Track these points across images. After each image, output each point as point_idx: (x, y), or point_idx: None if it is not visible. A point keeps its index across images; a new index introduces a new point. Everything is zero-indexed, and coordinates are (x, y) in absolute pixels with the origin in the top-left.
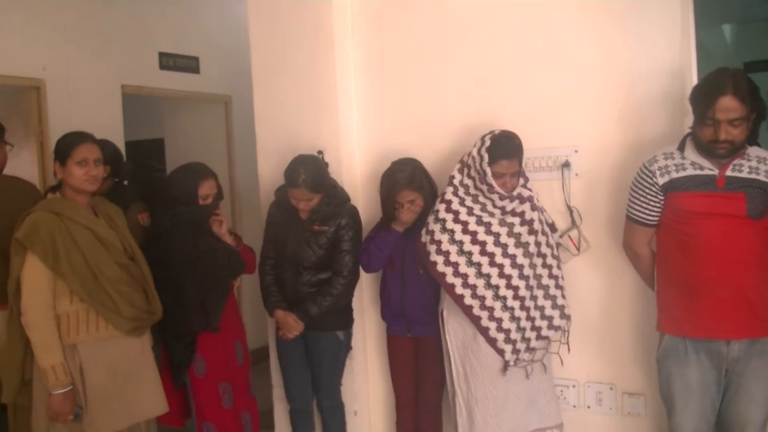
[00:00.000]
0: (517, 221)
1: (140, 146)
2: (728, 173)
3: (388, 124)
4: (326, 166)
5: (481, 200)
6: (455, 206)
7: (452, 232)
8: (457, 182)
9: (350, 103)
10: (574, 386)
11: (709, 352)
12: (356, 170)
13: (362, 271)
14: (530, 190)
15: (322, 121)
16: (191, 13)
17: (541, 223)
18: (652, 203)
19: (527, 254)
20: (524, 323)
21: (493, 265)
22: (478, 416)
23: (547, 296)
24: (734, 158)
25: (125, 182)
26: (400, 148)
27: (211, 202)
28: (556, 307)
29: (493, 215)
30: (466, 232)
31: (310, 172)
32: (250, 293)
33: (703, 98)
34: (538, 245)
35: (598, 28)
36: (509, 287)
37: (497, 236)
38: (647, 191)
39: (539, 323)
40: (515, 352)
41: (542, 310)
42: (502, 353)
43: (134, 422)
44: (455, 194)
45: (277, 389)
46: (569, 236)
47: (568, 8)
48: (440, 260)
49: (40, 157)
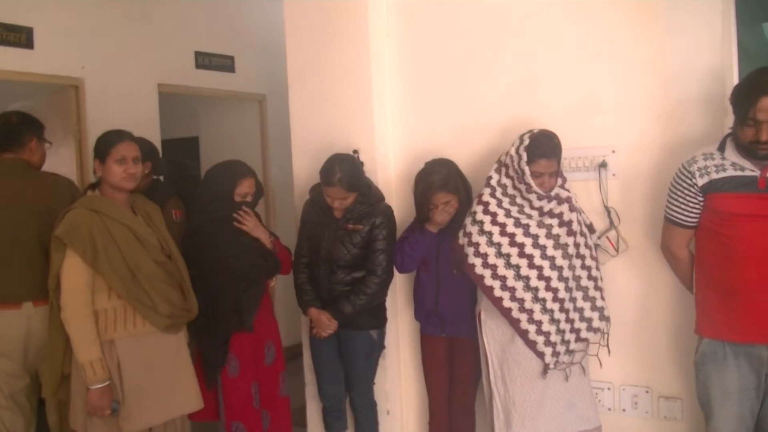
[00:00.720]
0: (555, 222)
1: (175, 145)
2: None
3: (423, 123)
4: (361, 165)
5: (518, 201)
6: (493, 208)
7: (490, 234)
8: (494, 182)
9: (385, 102)
10: (609, 389)
11: (748, 356)
12: (391, 170)
13: (396, 271)
14: (568, 190)
15: (357, 120)
16: (227, 12)
17: (579, 224)
18: (691, 204)
19: (566, 256)
20: (564, 325)
21: (532, 267)
22: (515, 419)
23: (586, 298)
24: None
25: (161, 179)
26: (435, 148)
27: (250, 200)
28: (595, 309)
29: (531, 217)
30: (504, 234)
31: (345, 170)
32: (284, 291)
33: (744, 98)
34: (577, 246)
35: (637, 26)
36: (549, 289)
37: (536, 238)
38: (686, 192)
39: (578, 325)
40: (555, 354)
41: (581, 312)
42: (542, 356)
43: (170, 418)
44: (493, 195)
45: (309, 387)
46: (607, 237)
47: (607, 7)
48: (479, 263)
49: (78, 154)
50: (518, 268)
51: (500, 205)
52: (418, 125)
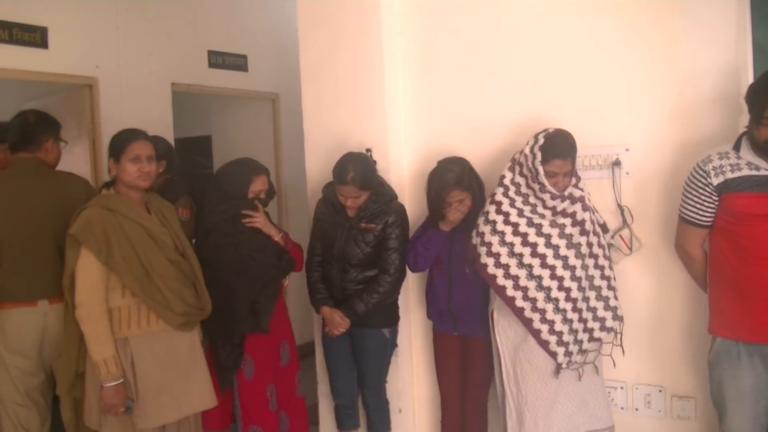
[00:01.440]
0: (568, 222)
1: (188, 143)
2: None
3: (436, 122)
4: (374, 164)
5: (531, 201)
6: (506, 207)
7: (503, 234)
8: (507, 181)
9: (398, 101)
10: (622, 388)
11: (763, 356)
12: (404, 168)
13: (408, 269)
14: (581, 189)
15: (369, 119)
16: (240, 11)
17: (592, 223)
18: (705, 204)
19: (579, 255)
20: (576, 325)
21: (545, 267)
22: (528, 418)
23: (599, 297)
24: None
25: (175, 177)
26: (448, 146)
27: (263, 198)
28: (608, 308)
29: (543, 216)
30: (517, 234)
31: (358, 169)
32: (296, 289)
33: (759, 97)
34: (590, 246)
35: (651, 24)
36: (561, 289)
37: (549, 238)
38: (701, 192)
39: (591, 325)
40: (567, 354)
41: (594, 311)
42: (554, 356)
43: (183, 416)
44: (505, 195)
45: (322, 385)
46: (620, 236)
47: (621, 5)
48: (491, 262)
49: (92, 153)
50: (531, 267)
51: (513, 204)
52: (431, 124)
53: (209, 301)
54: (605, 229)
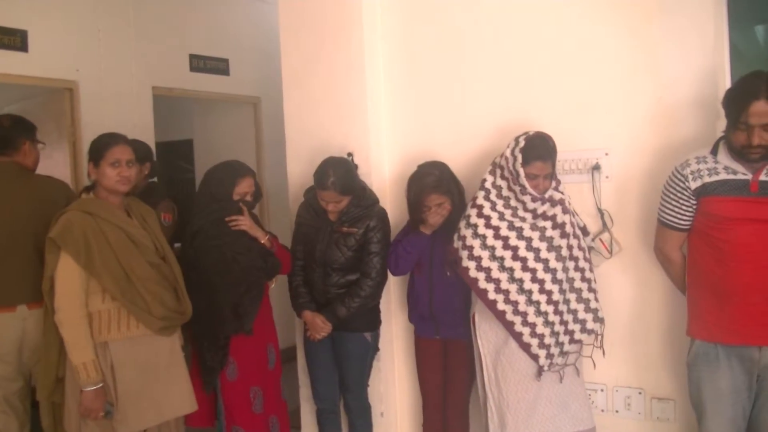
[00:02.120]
0: (548, 225)
1: (170, 147)
2: (762, 178)
3: (417, 126)
4: (356, 168)
5: (512, 204)
6: (487, 211)
7: (484, 237)
8: (489, 185)
9: (380, 105)
10: (602, 390)
11: (740, 357)
12: (385, 172)
13: (390, 273)
14: (562, 192)
15: (351, 122)
16: (221, 15)
17: (572, 226)
18: (684, 207)
19: (559, 258)
20: (558, 327)
21: (526, 270)
22: (509, 421)
23: (579, 300)
24: None
25: (155, 180)
26: (429, 150)
27: (250, 200)
28: (589, 310)
29: (524, 220)
30: (497, 237)
31: (339, 174)
32: (278, 293)
33: (736, 103)
34: (570, 249)
35: (630, 29)
36: (542, 292)
37: (530, 241)
38: (679, 195)
39: (572, 327)
40: (549, 356)
41: (575, 313)
42: (536, 358)
43: (164, 420)
44: (487, 198)
45: (304, 389)
46: (600, 239)
47: (600, 9)
48: (472, 265)
49: (72, 157)
50: (512, 270)
51: (494, 208)
52: (412, 128)
53: (190, 305)
54: (585, 231)
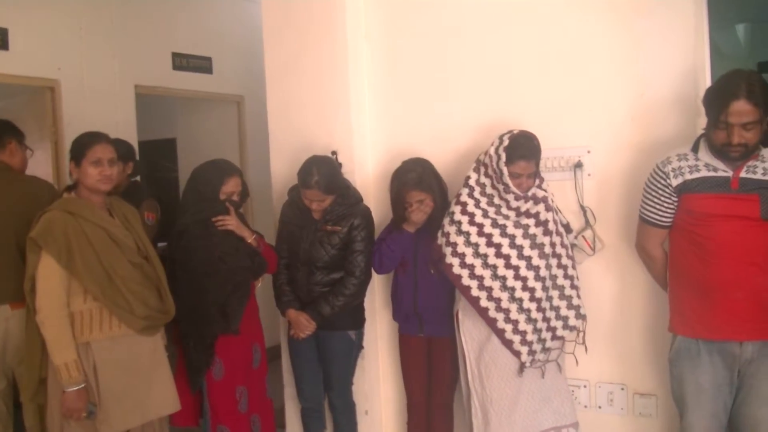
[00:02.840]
0: (532, 222)
1: (153, 146)
2: (742, 175)
3: (401, 124)
4: (340, 166)
5: (496, 202)
6: (471, 208)
7: (468, 234)
8: (472, 182)
9: (363, 103)
10: (585, 386)
11: (722, 353)
12: (369, 171)
13: (374, 272)
14: (545, 190)
15: (335, 121)
16: (205, 13)
17: (555, 223)
18: (665, 205)
19: (543, 255)
20: (540, 324)
21: (509, 267)
22: (493, 417)
23: (562, 296)
24: (748, 160)
25: (138, 179)
26: (413, 148)
27: (236, 200)
28: (571, 307)
29: (508, 217)
30: (481, 234)
31: (323, 173)
32: (262, 292)
33: (716, 102)
34: (553, 246)
35: (611, 28)
36: (525, 289)
37: (513, 238)
38: (661, 193)
39: (555, 323)
40: (531, 353)
41: (557, 310)
42: (518, 355)
43: (147, 420)
44: (470, 196)
45: (288, 388)
46: (583, 236)
47: (582, 9)
48: (456, 262)
49: (54, 156)
50: (495, 268)
51: (478, 205)
52: (396, 126)
53: (173, 304)
54: (568, 229)
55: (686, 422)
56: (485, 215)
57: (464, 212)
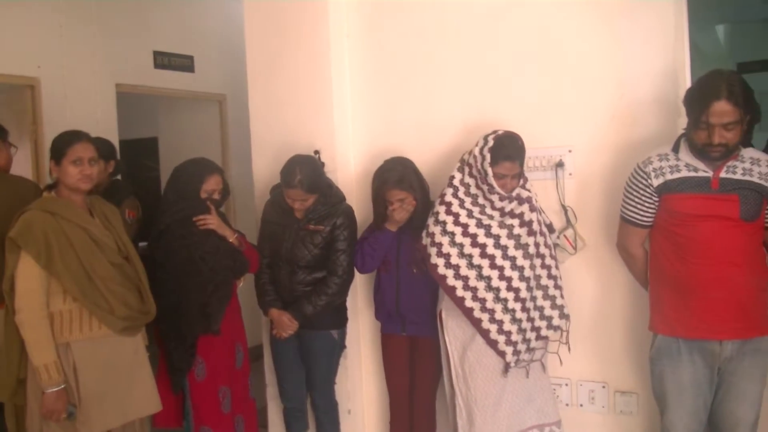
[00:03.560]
0: (516, 222)
1: (134, 145)
2: (722, 175)
3: (384, 123)
4: (322, 166)
5: (480, 202)
6: (455, 208)
7: (453, 234)
8: (457, 182)
9: (346, 102)
10: (566, 385)
11: (702, 351)
12: (351, 170)
13: (356, 271)
14: (529, 190)
15: (317, 120)
16: (186, 12)
17: (539, 224)
18: (646, 204)
19: (527, 255)
20: (525, 324)
21: (493, 267)
22: (477, 417)
23: (546, 296)
24: (728, 160)
25: (119, 177)
26: (395, 147)
27: (217, 198)
28: (555, 307)
29: (492, 217)
30: (466, 234)
31: (306, 172)
32: (244, 292)
33: (696, 102)
34: (537, 246)
35: (592, 29)
36: (510, 289)
37: (497, 238)
38: (642, 192)
39: (538, 323)
40: (516, 353)
41: (541, 310)
42: (503, 355)
43: (128, 421)
44: (455, 195)
45: (270, 388)
46: (565, 236)
47: (563, 9)
48: (441, 263)
49: (34, 155)
50: (480, 268)
51: (462, 205)
52: (378, 125)
53: (154, 304)
54: (551, 229)
55: (667, 420)
56: (470, 215)
57: (449, 212)
